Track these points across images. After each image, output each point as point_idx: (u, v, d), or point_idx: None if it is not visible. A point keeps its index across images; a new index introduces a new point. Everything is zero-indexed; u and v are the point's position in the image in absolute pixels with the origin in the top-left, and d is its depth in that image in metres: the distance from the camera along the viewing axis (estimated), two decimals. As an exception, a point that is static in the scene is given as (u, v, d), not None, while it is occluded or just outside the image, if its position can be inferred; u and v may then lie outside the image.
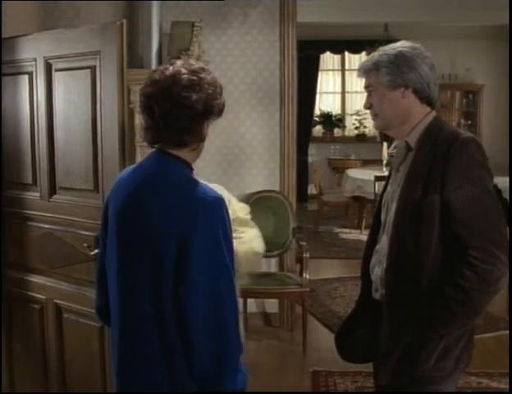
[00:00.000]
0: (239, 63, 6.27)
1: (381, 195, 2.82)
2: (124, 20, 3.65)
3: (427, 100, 2.64)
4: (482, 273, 2.40)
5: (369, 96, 2.69)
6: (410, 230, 2.51)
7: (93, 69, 3.76)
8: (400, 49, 2.63)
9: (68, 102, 3.88)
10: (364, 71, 2.69)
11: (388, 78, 2.60)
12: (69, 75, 3.87)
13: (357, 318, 2.91)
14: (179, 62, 2.46)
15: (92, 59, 3.74)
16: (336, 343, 2.95)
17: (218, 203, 2.32)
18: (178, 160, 2.41)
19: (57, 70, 3.93)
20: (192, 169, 2.47)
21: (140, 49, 5.78)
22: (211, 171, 6.32)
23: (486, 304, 2.51)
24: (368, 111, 2.73)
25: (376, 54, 2.67)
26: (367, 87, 2.69)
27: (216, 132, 6.28)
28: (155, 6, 5.62)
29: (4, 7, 4.29)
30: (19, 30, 4.35)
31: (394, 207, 2.61)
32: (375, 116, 2.69)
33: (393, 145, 2.77)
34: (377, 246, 2.75)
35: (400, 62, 2.59)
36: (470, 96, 12.92)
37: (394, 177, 2.73)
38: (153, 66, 5.57)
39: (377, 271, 2.70)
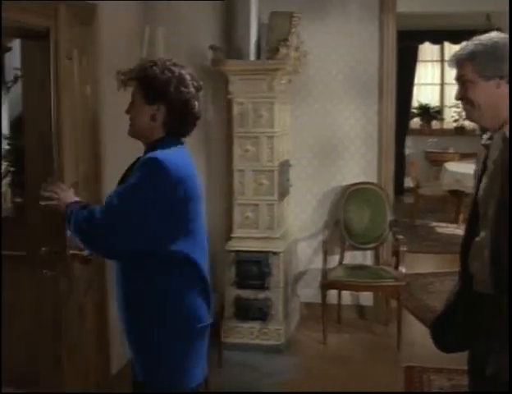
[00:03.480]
0: (337, 54, 6.22)
1: (477, 186, 2.77)
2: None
3: None
4: None
5: (462, 87, 2.65)
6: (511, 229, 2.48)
7: None
8: (496, 40, 2.60)
9: None
10: (458, 61, 2.65)
11: (484, 68, 2.57)
12: None
13: (456, 308, 2.85)
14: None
15: None
16: (432, 331, 2.92)
17: None
18: None
19: None
20: None
21: (239, 40, 5.81)
22: (307, 162, 6.31)
23: None
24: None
25: (470, 43, 2.64)
26: (459, 77, 2.65)
27: (313, 123, 6.27)
28: (254, -4, 5.65)
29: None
30: None
31: (493, 201, 2.58)
32: (471, 105, 2.63)
33: (486, 136, 2.76)
34: (477, 238, 2.70)
35: (497, 53, 2.56)
36: None
37: (491, 169, 2.68)
38: (252, 57, 5.59)
39: (477, 265, 2.67)
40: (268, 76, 5.40)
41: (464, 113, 13.52)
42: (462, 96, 2.66)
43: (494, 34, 2.64)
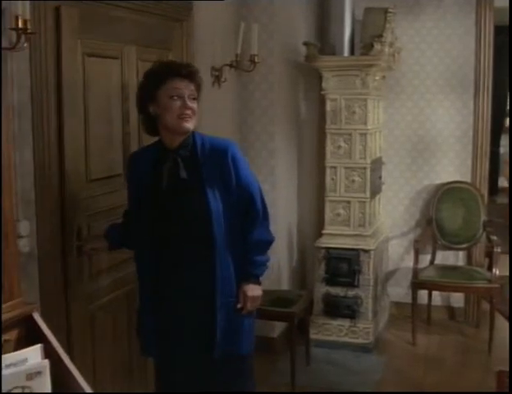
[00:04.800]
0: (432, 50, 6.12)
1: None
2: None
3: None
4: None
5: None
6: None
7: None
8: None
9: None
10: None
11: None
12: None
13: None
14: None
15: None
16: None
17: None
18: None
19: None
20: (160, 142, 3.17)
21: (332, 37, 5.78)
22: (400, 159, 6.24)
23: None
24: None
25: None
26: None
27: (406, 120, 6.20)
28: (347, -8, 5.62)
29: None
30: None
31: None
32: None
33: None
34: None
35: None
36: None
37: None
38: (346, 53, 5.56)
39: None
40: (362, 72, 5.36)
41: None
42: None
43: None
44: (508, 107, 13.14)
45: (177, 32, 4.36)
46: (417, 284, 5.70)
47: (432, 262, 6.11)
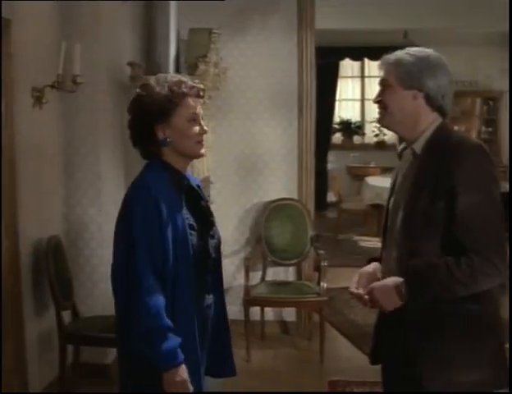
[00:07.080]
0: (257, 70, 6.24)
1: (388, 201, 2.79)
2: None
3: (439, 109, 2.62)
4: (475, 273, 2.42)
5: (382, 91, 2.67)
6: (418, 237, 2.53)
7: None
8: (427, 54, 2.62)
9: None
10: (384, 65, 2.67)
11: (405, 77, 2.58)
12: None
13: (380, 319, 2.85)
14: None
15: None
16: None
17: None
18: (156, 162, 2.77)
19: None
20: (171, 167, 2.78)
21: (157, 56, 5.76)
22: (228, 179, 6.29)
23: (460, 294, 2.48)
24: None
25: (401, 52, 2.65)
26: (382, 80, 2.67)
27: (233, 139, 6.26)
28: (172, 12, 5.61)
29: None
30: None
31: (400, 214, 2.61)
32: (384, 110, 2.65)
33: (400, 148, 2.78)
34: (384, 254, 2.77)
35: (423, 65, 2.58)
36: (491, 103, 12.81)
37: (400, 183, 2.72)
38: (171, 72, 5.55)
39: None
40: (187, 93, 5.36)
41: (383, 128, 13.75)
42: (379, 99, 2.67)
43: (429, 50, 2.65)
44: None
45: (-6, 50, 4.18)
46: (249, 301, 5.75)
47: (263, 278, 6.20)
